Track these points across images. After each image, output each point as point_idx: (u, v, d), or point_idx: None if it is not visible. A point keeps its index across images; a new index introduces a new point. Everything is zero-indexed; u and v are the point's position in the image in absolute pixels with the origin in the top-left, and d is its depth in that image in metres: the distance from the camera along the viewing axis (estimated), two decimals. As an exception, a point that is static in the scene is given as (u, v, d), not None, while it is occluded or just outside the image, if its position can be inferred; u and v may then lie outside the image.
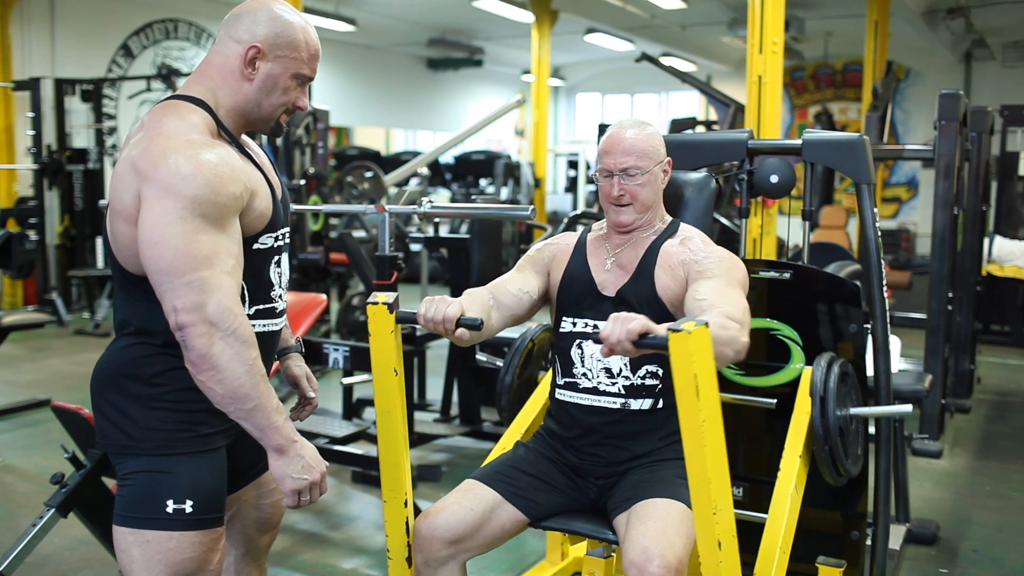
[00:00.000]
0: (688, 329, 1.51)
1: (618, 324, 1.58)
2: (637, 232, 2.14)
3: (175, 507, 1.61)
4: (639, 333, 1.56)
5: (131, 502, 1.63)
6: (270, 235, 1.71)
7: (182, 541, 1.62)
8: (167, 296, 1.52)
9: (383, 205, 3.23)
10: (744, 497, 2.66)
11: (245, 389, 1.54)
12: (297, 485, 1.63)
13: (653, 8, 11.29)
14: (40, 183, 8.44)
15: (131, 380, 1.65)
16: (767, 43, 4.92)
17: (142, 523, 1.61)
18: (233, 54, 1.67)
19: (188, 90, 1.69)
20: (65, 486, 2.86)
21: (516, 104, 10.11)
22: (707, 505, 1.61)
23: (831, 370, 2.25)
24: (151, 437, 1.63)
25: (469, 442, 4.61)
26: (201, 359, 1.52)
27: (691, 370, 1.52)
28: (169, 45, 10.67)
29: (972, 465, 4.50)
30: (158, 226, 1.51)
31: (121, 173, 1.59)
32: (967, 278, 5.40)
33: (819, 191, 9.21)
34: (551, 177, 15.69)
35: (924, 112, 13.68)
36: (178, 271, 1.50)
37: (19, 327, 5.02)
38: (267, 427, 1.59)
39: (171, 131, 1.57)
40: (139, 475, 1.63)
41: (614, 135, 2.11)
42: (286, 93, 1.71)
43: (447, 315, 1.82)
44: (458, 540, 1.98)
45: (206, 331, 1.51)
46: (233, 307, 1.54)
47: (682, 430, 1.59)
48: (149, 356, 1.65)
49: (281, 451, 1.62)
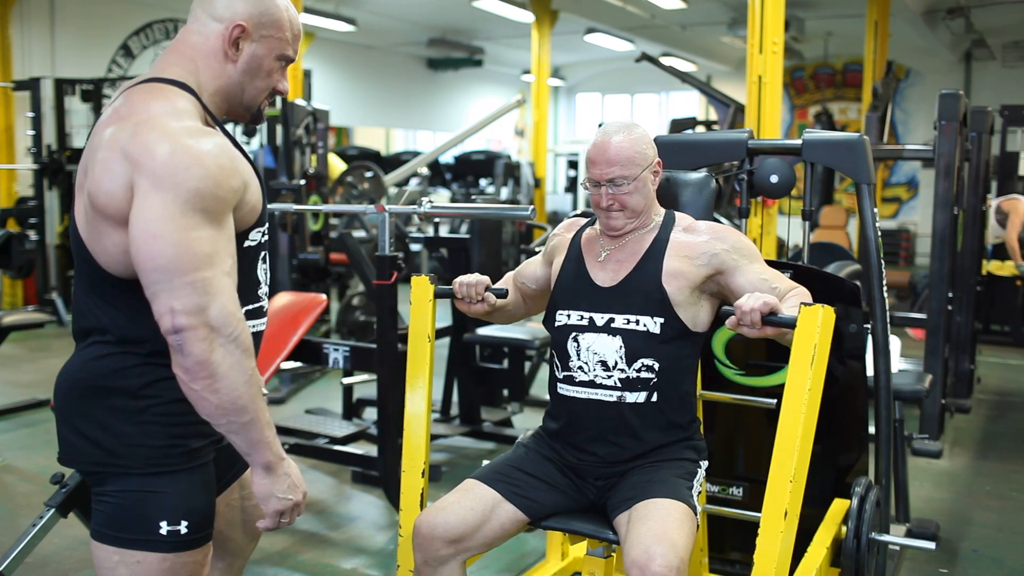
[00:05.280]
0: (807, 297, 1.89)
1: (753, 298, 1.83)
2: (633, 232, 2.14)
3: (169, 529, 1.51)
4: (772, 308, 1.81)
5: (117, 520, 1.51)
6: (259, 230, 1.60)
7: (176, 562, 1.52)
8: (163, 296, 1.39)
9: (383, 205, 3.23)
10: (744, 497, 2.66)
11: (243, 401, 1.43)
12: (281, 506, 1.53)
13: (653, 8, 11.29)
14: (40, 183, 8.45)
15: (113, 393, 1.50)
16: (767, 43, 4.92)
17: (131, 543, 1.50)
18: (214, 33, 1.53)
19: (166, 72, 1.53)
20: (65, 486, 2.86)
21: (516, 104, 10.11)
22: (786, 472, 1.76)
23: (867, 497, 2.49)
24: (139, 454, 1.50)
25: (469, 442, 4.61)
26: (199, 366, 1.39)
27: (812, 340, 1.77)
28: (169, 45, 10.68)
29: (972, 465, 4.50)
30: (156, 220, 1.38)
31: (105, 161, 1.43)
32: (967, 278, 5.40)
33: (819, 191, 9.21)
34: (551, 177, 15.71)
35: (924, 112, 13.69)
36: (178, 269, 1.38)
37: (19, 327, 5.02)
38: (259, 442, 1.48)
39: (162, 116, 1.44)
40: (126, 494, 1.50)
41: (599, 144, 2.08)
42: (270, 76, 1.59)
43: (479, 280, 2.17)
44: (458, 540, 1.98)
45: (206, 336, 1.39)
46: (235, 312, 1.43)
47: (785, 395, 1.81)
48: (134, 367, 1.51)
49: (270, 469, 1.51)
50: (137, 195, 1.40)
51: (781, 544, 1.77)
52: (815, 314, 1.78)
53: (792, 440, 1.77)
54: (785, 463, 1.78)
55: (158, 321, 1.41)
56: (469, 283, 2.17)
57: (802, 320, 1.79)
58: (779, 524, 1.77)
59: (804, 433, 1.78)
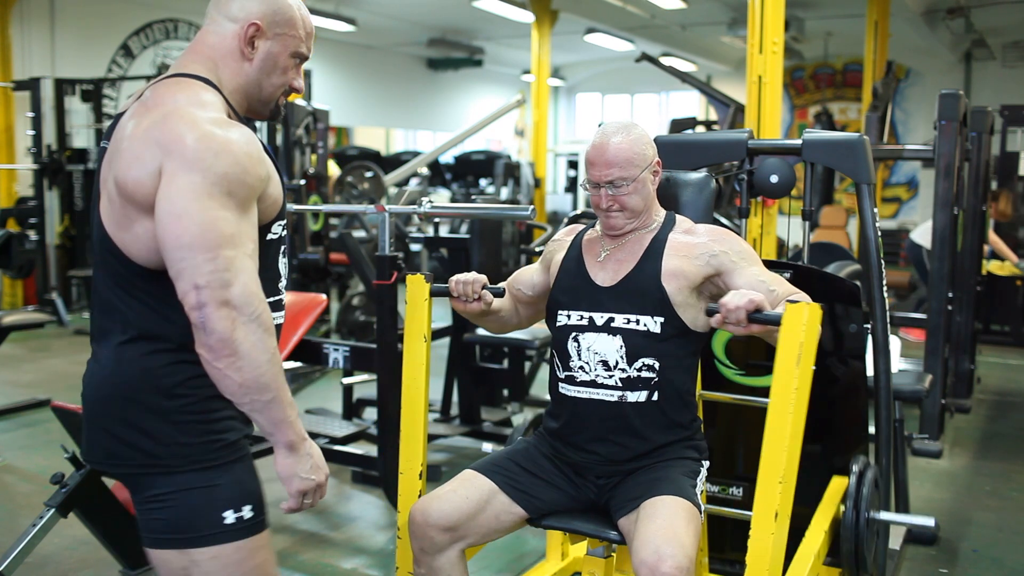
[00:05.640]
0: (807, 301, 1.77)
1: (739, 295, 1.81)
2: (633, 232, 2.15)
3: (235, 516, 1.52)
4: (758, 306, 1.79)
5: (178, 522, 1.50)
6: (280, 223, 1.64)
7: (250, 548, 1.53)
8: (186, 273, 1.40)
9: (383, 205, 3.23)
10: (744, 497, 2.66)
11: (266, 379, 1.45)
12: (304, 485, 1.55)
13: (653, 8, 11.29)
14: (40, 183, 8.45)
15: (149, 394, 1.51)
16: (767, 43, 4.92)
17: (198, 541, 1.50)
18: (230, 33, 1.59)
19: (188, 69, 1.57)
20: (65, 486, 2.86)
21: (516, 104, 10.12)
22: (775, 473, 1.73)
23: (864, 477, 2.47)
24: (180, 453, 1.51)
25: (469, 442, 4.61)
26: (222, 344, 1.41)
27: (799, 338, 1.73)
28: (169, 45, 10.67)
29: (972, 465, 4.50)
30: (182, 200, 1.41)
31: (133, 149, 1.46)
32: (967, 278, 5.40)
33: (819, 191, 9.21)
34: (551, 177, 15.71)
35: (924, 112, 13.68)
36: (202, 246, 1.40)
37: (19, 327, 5.01)
38: (282, 421, 1.50)
39: (188, 106, 1.48)
40: (179, 494, 1.50)
41: (598, 145, 2.08)
42: (285, 73, 1.64)
43: (476, 278, 2.13)
44: (452, 528, 1.99)
45: (228, 314, 1.41)
46: (257, 292, 1.45)
47: (772, 394, 1.78)
48: (167, 365, 1.52)
49: (292, 448, 1.53)
50: (165, 179, 1.43)
51: (773, 546, 1.76)
52: (801, 312, 1.74)
53: (781, 441, 1.76)
54: (774, 464, 1.76)
55: (182, 300, 1.43)
56: (466, 281, 2.13)
57: (787, 318, 1.75)
58: (770, 526, 1.75)
59: (793, 433, 1.76)
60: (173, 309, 1.46)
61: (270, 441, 1.53)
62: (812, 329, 1.75)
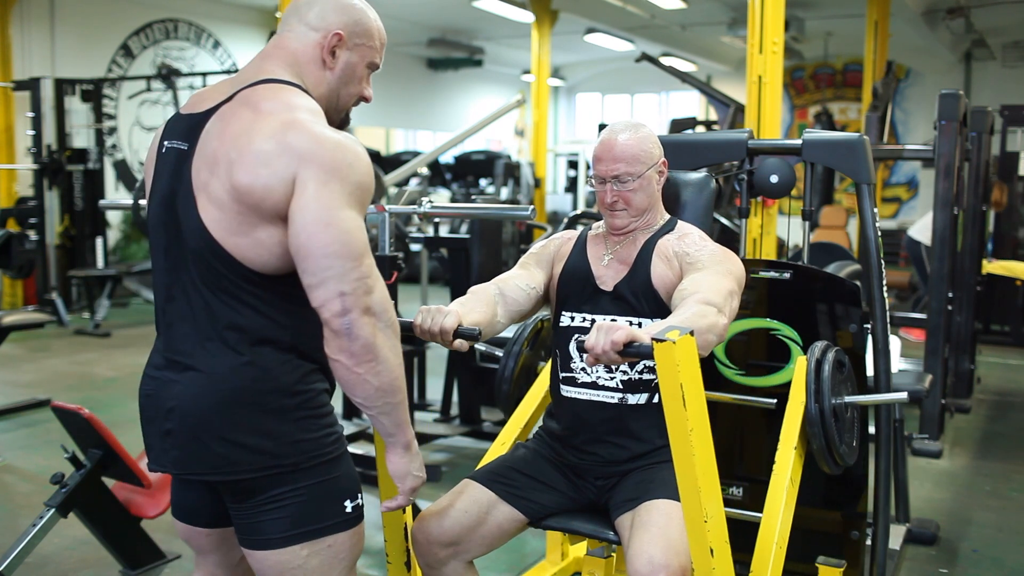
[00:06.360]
0: (673, 339, 1.50)
1: (601, 334, 1.58)
2: (636, 232, 2.15)
3: (352, 504, 1.61)
4: (624, 343, 1.57)
5: (305, 516, 1.54)
6: None
7: (358, 533, 1.63)
8: (332, 282, 1.42)
9: (383, 205, 3.23)
10: (744, 497, 2.66)
11: (399, 383, 1.51)
12: (416, 483, 1.61)
13: (653, 8, 11.29)
14: (40, 183, 8.45)
15: (271, 395, 1.51)
16: (767, 43, 4.92)
17: (321, 532, 1.56)
18: (312, 42, 1.60)
19: (276, 74, 1.57)
20: (65, 486, 2.87)
21: (516, 104, 10.09)
22: (698, 513, 1.62)
23: (825, 357, 2.19)
24: (302, 449, 1.53)
25: (469, 442, 4.61)
26: (365, 350, 1.45)
27: (677, 379, 1.53)
28: (169, 45, 10.68)
29: (972, 465, 4.50)
30: (326, 209, 1.43)
31: (264, 157, 1.44)
32: (967, 278, 5.40)
33: (819, 191, 9.22)
34: (551, 177, 15.69)
35: (924, 112, 13.68)
36: (349, 255, 1.43)
37: (19, 327, 5.02)
38: (404, 423, 1.56)
39: (309, 114, 1.50)
40: (306, 489, 1.54)
41: (605, 141, 2.09)
42: (360, 83, 1.67)
43: (444, 327, 1.85)
44: (454, 542, 1.99)
45: (371, 320, 1.45)
46: (389, 298, 1.51)
47: (670, 438, 1.60)
48: (282, 364, 1.53)
49: (408, 448, 1.59)
50: (303, 187, 1.44)
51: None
52: (670, 351, 1.50)
53: (692, 482, 1.60)
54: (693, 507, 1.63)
55: (321, 306, 1.44)
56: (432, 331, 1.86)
57: (659, 358, 1.52)
58: (709, 563, 1.65)
59: (703, 472, 1.61)
60: (282, 312, 1.52)
61: (387, 442, 1.58)
62: (689, 362, 1.55)
